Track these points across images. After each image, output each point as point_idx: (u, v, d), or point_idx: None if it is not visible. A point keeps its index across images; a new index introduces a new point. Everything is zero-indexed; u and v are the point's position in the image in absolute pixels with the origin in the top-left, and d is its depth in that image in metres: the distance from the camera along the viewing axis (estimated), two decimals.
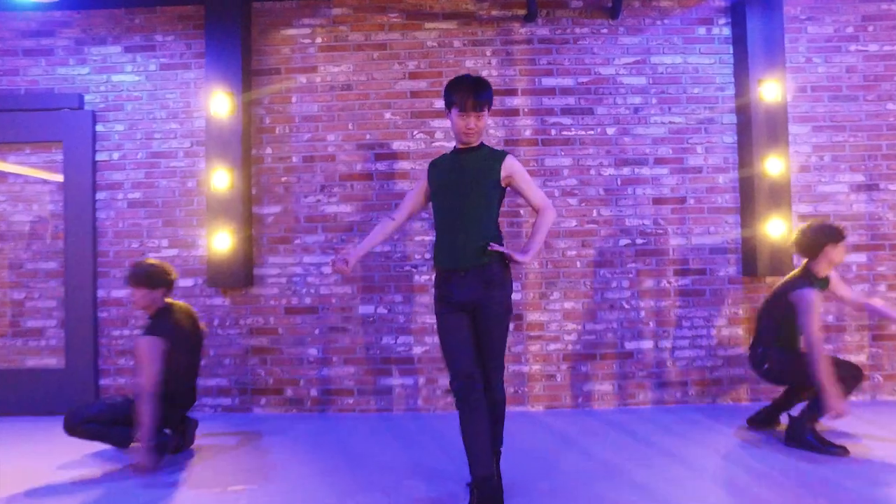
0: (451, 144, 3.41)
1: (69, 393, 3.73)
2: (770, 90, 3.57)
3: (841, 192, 3.76)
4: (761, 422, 3.10)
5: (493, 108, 3.64)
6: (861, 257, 3.74)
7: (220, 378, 3.75)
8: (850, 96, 3.77)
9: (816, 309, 2.70)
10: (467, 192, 2.21)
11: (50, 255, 3.88)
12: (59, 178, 3.86)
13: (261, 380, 3.75)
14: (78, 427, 2.73)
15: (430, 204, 2.36)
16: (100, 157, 3.86)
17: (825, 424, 3.01)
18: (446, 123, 3.71)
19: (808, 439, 2.74)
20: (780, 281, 3.10)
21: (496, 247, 2.18)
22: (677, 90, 3.79)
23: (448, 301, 2.20)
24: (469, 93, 2.19)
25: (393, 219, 2.37)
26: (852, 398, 3.55)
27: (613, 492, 2.35)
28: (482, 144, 2.32)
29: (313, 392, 3.73)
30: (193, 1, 3.83)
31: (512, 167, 2.27)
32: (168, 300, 2.94)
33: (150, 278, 2.83)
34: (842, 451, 2.67)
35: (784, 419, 3.00)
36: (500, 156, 2.28)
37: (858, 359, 3.69)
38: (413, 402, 3.70)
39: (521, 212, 3.74)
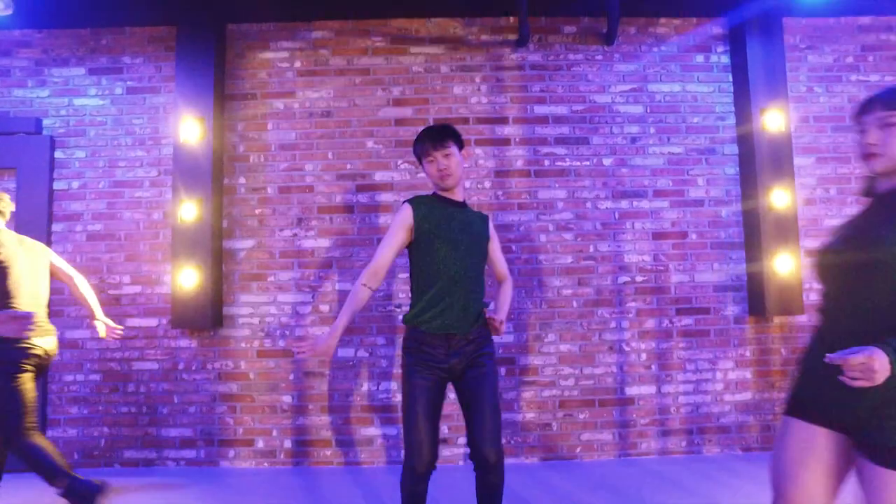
0: None
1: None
2: (773, 119, 3.41)
3: None
4: None
5: (481, 138, 3.43)
6: None
7: (183, 427, 3.41)
8: (853, 127, 3.62)
9: None
10: (473, 252, 2.01)
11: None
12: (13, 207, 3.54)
13: (229, 429, 3.41)
14: None
15: (413, 249, 2.05)
16: (58, 185, 3.56)
17: None
18: None
19: None
20: None
21: (490, 314, 1.99)
22: (676, 119, 3.61)
23: (431, 366, 1.94)
24: (427, 137, 2.03)
25: (372, 289, 2.01)
26: None
27: None
28: (465, 202, 2.12)
29: (287, 443, 3.39)
30: (165, 22, 3.60)
31: (492, 230, 2.19)
32: None
33: None
34: None
35: None
36: (485, 217, 2.15)
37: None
38: (397, 453, 3.38)
39: (513, 247, 3.50)
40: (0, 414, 2.37)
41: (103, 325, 2.73)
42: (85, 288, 2.78)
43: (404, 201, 2.06)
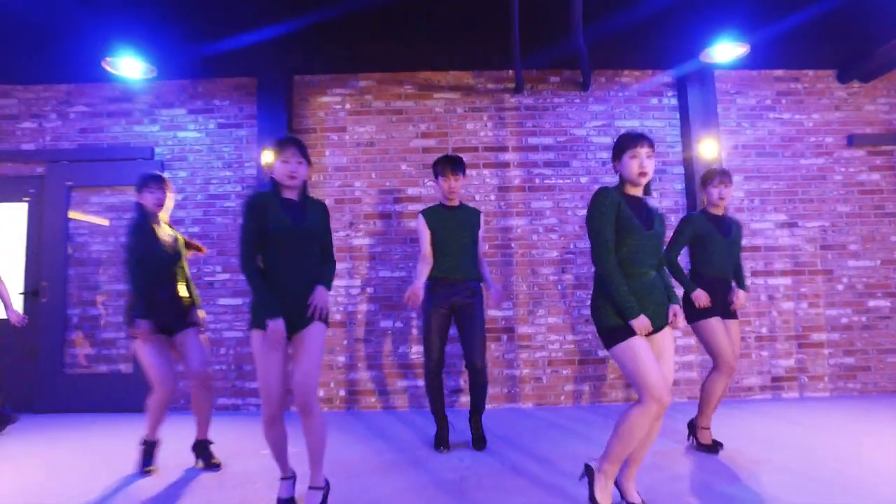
0: None
1: (135, 394, 4.44)
2: (707, 148, 4.52)
3: (769, 228, 4.68)
4: None
5: (488, 162, 4.56)
6: (787, 280, 4.63)
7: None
8: (771, 153, 4.74)
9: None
10: (464, 235, 3.23)
11: (122, 279, 4.66)
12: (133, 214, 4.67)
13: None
14: None
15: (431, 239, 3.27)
16: None
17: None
18: None
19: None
20: None
21: (491, 287, 3.24)
22: None
23: (439, 302, 3.13)
24: (448, 164, 3.23)
25: (428, 262, 3.24)
26: (784, 395, 4.39)
27: (578, 447, 3.14)
28: (461, 203, 3.31)
29: (341, 392, 4.48)
30: (246, 74, 4.76)
31: (482, 221, 3.39)
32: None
33: None
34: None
35: None
36: (478, 212, 3.34)
37: (788, 363, 4.53)
38: (423, 400, 4.46)
39: (512, 245, 4.61)
40: None
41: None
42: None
43: (419, 213, 3.30)
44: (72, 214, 4.68)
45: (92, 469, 3.08)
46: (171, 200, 3.07)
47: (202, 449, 3.03)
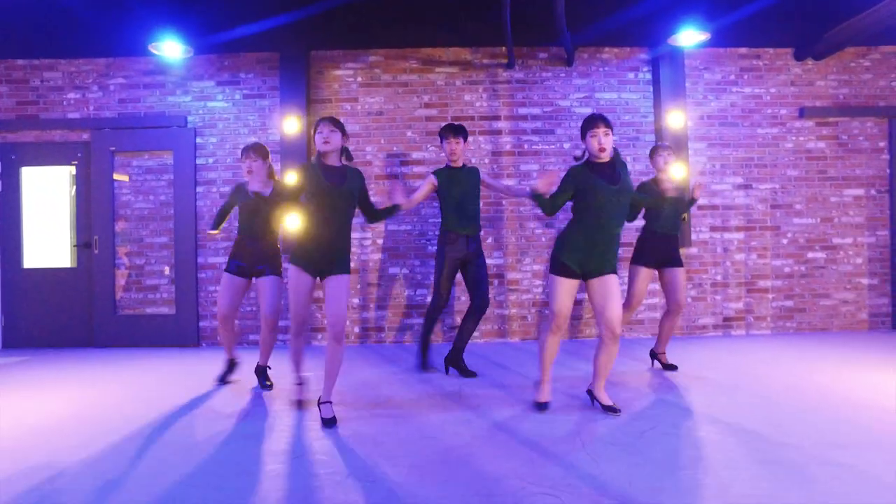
0: None
1: (178, 332, 5.19)
2: (675, 118, 5.16)
3: (727, 189, 5.38)
4: None
5: (483, 129, 5.20)
6: (740, 235, 5.36)
7: (286, 320, 5.23)
8: (732, 123, 5.39)
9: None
10: (468, 190, 3.83)
11: (163, 232, 5.34)
12: (170, 176, 5.33)
13: (318, 321, 5.25)
14: None
15: (440, 196, 3.87)
16: (199, 161, 5.32)
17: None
18: None
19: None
20: None
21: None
22: (614, 117, 5.37)
23: (455, 252, 3.78)
24: (450, 130, 3.85)
25: (413, 200, 3.85)
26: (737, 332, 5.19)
27: (554, 372, 3.93)
28: (464, 165, 3.89)
29: (356, 329, 5.24)
30: (269, 49, 5.31)
31: (483, 174, 3.99)
32: None
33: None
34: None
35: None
36: (477, 170, 3.94)
37: (737, 306, 5.31)
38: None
39: (503, 202, 5.29)
40: None
41: None
42: None
43: (432, 172, 3.88)
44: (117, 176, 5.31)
45: (168, 387, 3.85)
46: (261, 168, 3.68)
47: (262, 372, 3.74)
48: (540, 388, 3.08)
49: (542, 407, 3.00)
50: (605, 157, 2.86)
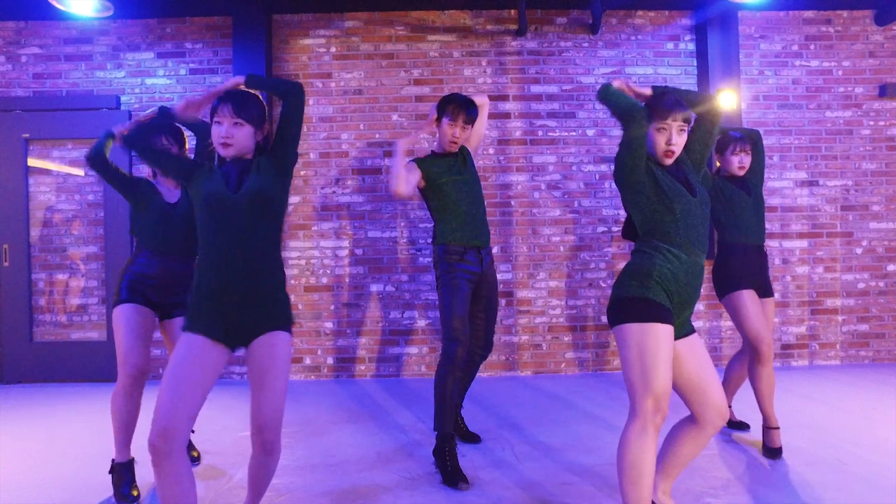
0: None
1: (110, 362, 4.19)
2: (727, 99, 4.13)
3: (787, 187, 4.36)
4: None
5: (487, 112, 4.17)
6: (803, 243, 4.35)
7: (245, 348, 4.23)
8: (795, 105, 4.36)
9: None
10: (475, 186, 2.66)
11: (91, 240, 4.32)
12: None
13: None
14: None
15: (429, 193, 2.62)
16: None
17: None
18: None
19: None
20: None
21: None
22: None
23: (464, 272, 2.54)
24: (462, 109, 2.57)
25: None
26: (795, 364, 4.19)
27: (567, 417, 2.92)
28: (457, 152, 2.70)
29: (329, 360, 4.24)
30: (220, 13, 4.27)
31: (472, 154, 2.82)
32: None
33: None
34: None
35: None
36: (468, 152, 2.76)
37: (799, 330, 4.31)
38: (418, 368, 4.23)
39: (512, 203, 4.28)
40: None
41: None
42: None
43: (412, 160, 2.63)
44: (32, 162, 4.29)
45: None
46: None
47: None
48: None
49: None
50: (669, 161, 1.86)
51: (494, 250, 4.20)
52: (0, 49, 4.27)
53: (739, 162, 2.75)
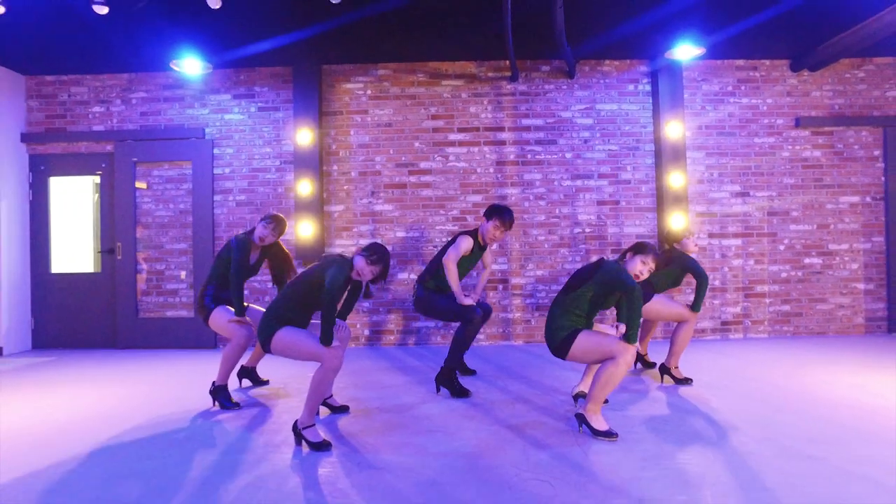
0: (460, 165, 5.22)
1: (196, 335, 5.43)
2: (673, 129, 5.34)
3: (724, 197, 5.54)
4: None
5: (487, 140, 5.40)
6: (738, 241, 5.52)
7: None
8: (730, 133, 5.56)
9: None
10: (473, 262, 3.87)
11: (182, 239, 5.59)
12: (189, 185, 5.58)
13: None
14: None
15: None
16: (216, 171, 5.57)
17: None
18: (457, 150, 5.46)
19: None
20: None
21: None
22: (614, 127, 5.56)
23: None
24: (510, 221, 3.71)
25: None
26: (731, 336, 5.34)
27: (559, 372, 4.11)
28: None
29: (365, 332, 5.45)
30: (283, 64, 5.55)
31: (488, 251, 4.08)
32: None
33: None
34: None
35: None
36: (486, 246, 3.91)
37: (735, 310, 5.47)
38: (434, 339, 5.44)
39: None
40: None
41: None
42: None
43: (464, 232, 3.84)
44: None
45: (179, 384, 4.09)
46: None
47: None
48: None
49: None
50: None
51: (494, 246, 5.41)
52: (117, 94, 5.60)
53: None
